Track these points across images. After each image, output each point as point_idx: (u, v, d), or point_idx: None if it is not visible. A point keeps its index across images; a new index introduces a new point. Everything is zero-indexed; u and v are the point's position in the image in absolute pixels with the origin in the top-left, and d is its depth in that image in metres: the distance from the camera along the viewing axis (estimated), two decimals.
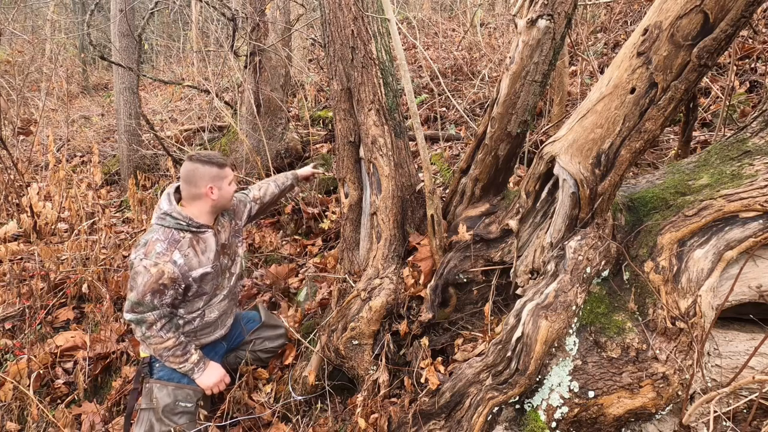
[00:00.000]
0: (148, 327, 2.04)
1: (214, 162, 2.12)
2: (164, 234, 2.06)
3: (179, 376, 2.18)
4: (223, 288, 2.30)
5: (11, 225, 3.82)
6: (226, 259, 2.29)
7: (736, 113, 3.48)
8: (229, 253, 2.31)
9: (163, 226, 2.08)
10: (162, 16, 11.87)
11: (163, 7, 6.05)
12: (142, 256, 2.01)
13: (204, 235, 2.15)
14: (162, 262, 2.00)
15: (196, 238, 2.12)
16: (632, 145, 1.78)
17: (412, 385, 2.09)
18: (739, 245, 1.81)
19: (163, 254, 2.02)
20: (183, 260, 2.05)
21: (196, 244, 2.12)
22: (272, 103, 4.59)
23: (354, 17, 2.44)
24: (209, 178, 2.10)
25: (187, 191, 2.13)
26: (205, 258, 2.14)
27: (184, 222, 2.08)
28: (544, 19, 1.97)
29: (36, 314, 3.11)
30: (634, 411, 1.77)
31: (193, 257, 2.10)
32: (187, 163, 2.13)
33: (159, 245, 2.03)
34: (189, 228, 2.09)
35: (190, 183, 2.10)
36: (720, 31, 1.56)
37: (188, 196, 2.13)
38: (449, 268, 2.27)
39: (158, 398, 2.12)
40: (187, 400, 2.16)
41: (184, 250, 2.07)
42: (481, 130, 2.29)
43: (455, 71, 5.79)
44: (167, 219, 2.08)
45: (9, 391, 2.58)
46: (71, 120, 7.62)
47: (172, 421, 2.10)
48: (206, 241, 2.16)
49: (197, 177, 2.10)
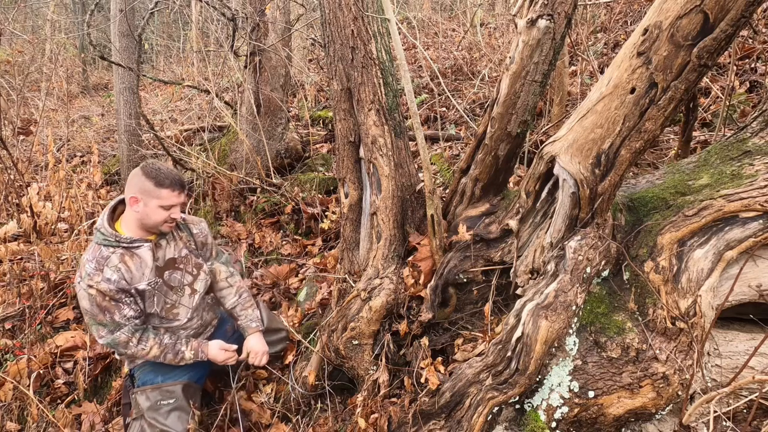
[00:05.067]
0: (124, 346, 1.99)
1: (153, 177, 1.95)
2: (93, 253, 1.95)
3: (152, 377, 2.15)
4: (187, 306, 2.17)
5: (11, 225, 3.82)
6: (179, 275, 2.13)
7: (736, 113, 3.48)
8: (183, 269, 2.15)
9: (95, 243, 1.98)
10: (162, 16, 11.87)
11: (163, 7, 6.05)
12: (79, 279, 1.93)
13: (138, 251, 2.00)
14: (95, 283, 1.90)
15: (129, 253, 1.98)
16: (632, 145, 1.79)
17: (412, 385, 2.09)
18: (739, 245, 1.81)
19: (94, 274, 1.91)
20: (116, 276, 1.93)
21: (129, 259, 1.98)
22: (272, 103, 4.59)
23: (354, 17, 2.44)
24: (138, 188, 1.95)
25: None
26: (138, 274, 2.00)
27: (111, 239, 1.95)
28: (544, 19, 1.97)
29: (36, 314, 3.11)
30: (634, 411, 1.77)
31: (127, 272, 1.97)
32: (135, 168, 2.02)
33: (88, 266, 1.93)
34: (118, 244, 1.96)
35: (126, 185, 2.01)
36: (720, 31, 1.56)
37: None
38: (449, 268, 2.27)
39: (141, 404, 2.10)
40: (168, 397, 2.12)
41: (114, 266, 1.94)
42: (481, 130, 2.29)
43: (455, 71, 5.79)
44: (97, 234, 1.98)
45: (9, 391, 2.58)
46: (71, 120, 7.62)
47: (159, 422, 2.06)
48: (141, 257, 2.00)
49: (130, 182, 1.98)
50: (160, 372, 2.16)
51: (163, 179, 1.95)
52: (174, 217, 2.01)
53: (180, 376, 2.17)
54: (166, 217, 1.99)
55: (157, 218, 1.98)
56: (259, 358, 2.26)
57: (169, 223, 2.02)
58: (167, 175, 1.97)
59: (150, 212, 1.96)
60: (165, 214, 1.98)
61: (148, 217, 1.97)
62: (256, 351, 2.27)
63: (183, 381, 2.17)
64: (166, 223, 2.02)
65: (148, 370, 2.17)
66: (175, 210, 2.01)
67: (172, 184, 1.96)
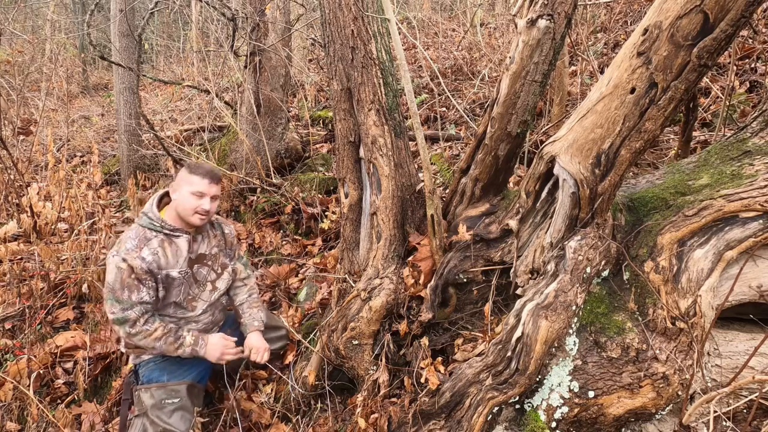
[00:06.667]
0: (131, 325, 2.05)
1: (189, 167, 2.14)
2: (136, 232, 2.10)
3: (158, 375, 2.17)
4: (205, 301, 2.27)
5: (11, 225, 3.82)
6: (205, 270, 2.26)
7: (736, 113, 3.48)
8: (210, 265, 2.29)
9: (139, 225, 2.12)
10: (162, 16, 11.87)
11: (163, 7, 6.05)
12: (114, 253, 2.05)
13: (177, 239, 2.15)
14: (130, 258, 2.02)
15: (168, 240, 2.13)
16: (632, 145, 1.79)
17: (412, 385, 2.09)
18: (739, 245, 1.81)
19: (132, 250, 2.04)
20: (152, 257, 2.07)
21: (168, 246, 2.13)
22: (272, 103, 4.59)
23: (354, 17, 2.44)
24: (178, 178, 2.15)
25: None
26: (173, 261, 2.13)
27: (156, 223, 2.10)
28: (544, 19, 1.97)
29: (36, 314, 3.11)
30: (634, 411, 1.77)
31: (162, 257, 2.11)
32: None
33: (129, 242, 2.07)
34: (162, 229, 2.11)
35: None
36: (720, 31, 1.56)
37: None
38: (449, 268, 2.27)
39: (144, 402, 2.12)
40: (172, 396, 2.14)
41: (153, 248, 2.08)
42: (481, 130, 2.29)
43: (455, 71, 5.79)
44: (143, 218, 2.12)
45: (9, 391, 2.57)
46: (71, 120, 7.61)
47: (163, 421, 2.08)
48: (178, 246, 2.15)
49: (176, 177, 2.17)
50: (166, 371, 2.18)
51: (196, 168, 2.12)
52: (205, 208, 2.10)
53: (185, 376, 2.19)
54: (197, 205, 2.09)
55: (187, 205, 2.08)
56: (261, 354, 2.29)
57: (200, 214, 2.11)
58: (202, 165, 2.14)
59: (182, 199, 2.09)
60: (195, 202, 2.09)
61: (180, 204, 2.10)
62: (258, 347, 2.31)
63: (188, 381, 2.19)
64: (197, 214, 2.11)
65: (154, 367, 2.19)
66: (206, 200, 2.11)
67: (203, 173, 2.10)
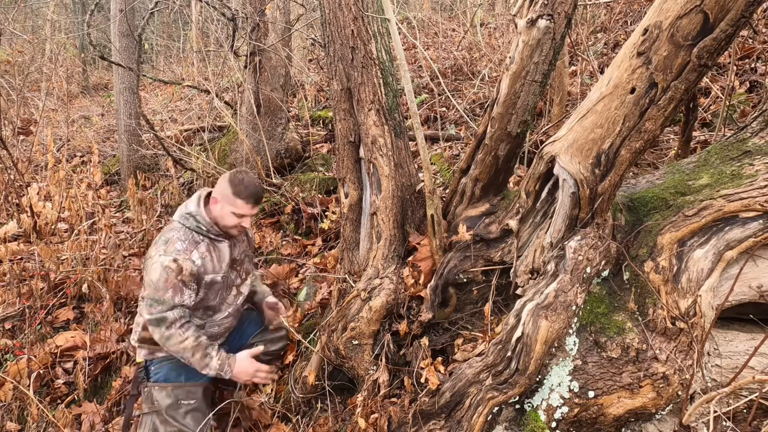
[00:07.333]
0: (168, 326, 2.02)
1: (235, 186, 2.10)
2: (184, 234, 2.11)
3: (175, 375, 2.17)
4: (229, 304, 2.31)
5: (11, 225, 3.82)
6: (234, 275, 2.32)
7: (736, 113, 3.48)
8: (239, 270, 2.35)
9: (184, 226, 2.13)
10: (162, 16, 11.87)
11: (163, 7, 6.06)
12: (162, 252, 2.05)
13: (220, 245, 2.20)
14: (181, 259, 2.03)
15: (213, 245, 2.18)
16: (632, 145, 1.79)
17: (412, 385, 2.09)
18: (739, 245, 1.81)
19: (183, 251, 2.06)
20: (201, 261, 2.10)
21: (213, 250, 2.17)
22: (272, 103, 4.59)
23: (354, 17, 2.44)
24: (221, 191, 2.13)
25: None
26: (218, 266, 2.19)
27: (205, 227, 2.13)
28: (544, 19, 1.97)
29: (36, 314, 3.11)
30: (634, 411, 1.77)
31: (209, 262, 2.15)
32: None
33: (179, 243, 2.08)
34: (209, 234, 2.14)
35: (217, 183, 2.18)
36: (720, 31, 1.56)
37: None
38: (449, 268, 2.27)
39: (159, 400, 2.11)
40: (189, 397, 2.15)
41: (202, 252, 2.12)
42: (481, 130, 2.29)
43: (455, 71, 5.78)
44: (190, 220, 2.13)
45: (9, 391, 2.58)
46: (71, 120, 7.61)
47: (178, 421, 2.08)
48: (221, 251, 2.21)
49: (219, 182, 2.16)
50: (183, 370, 2.17)
51: (242, 190, 2.09)
52: (244, 225, 2.18)
53: (202, 377, 2.18)
54: (237, 223, 2.15)
55: (227, 222, 2.14)
56: (281, 309, 2.44)
57: (238, 229, 2.19)
58: (248, 186, 2.11)
59: (224, 215, 2.13)
60: (236, 221, 2.15)
61: (222, 218, 2.14)
62: (278, 306, 2.45)
63: (204, 383, 2.20)
64: (236, 228, 2.18)
65: (170, 366, 2.18)
66: (246, 220, 2.17)
67: (248, 197, 2.11)
